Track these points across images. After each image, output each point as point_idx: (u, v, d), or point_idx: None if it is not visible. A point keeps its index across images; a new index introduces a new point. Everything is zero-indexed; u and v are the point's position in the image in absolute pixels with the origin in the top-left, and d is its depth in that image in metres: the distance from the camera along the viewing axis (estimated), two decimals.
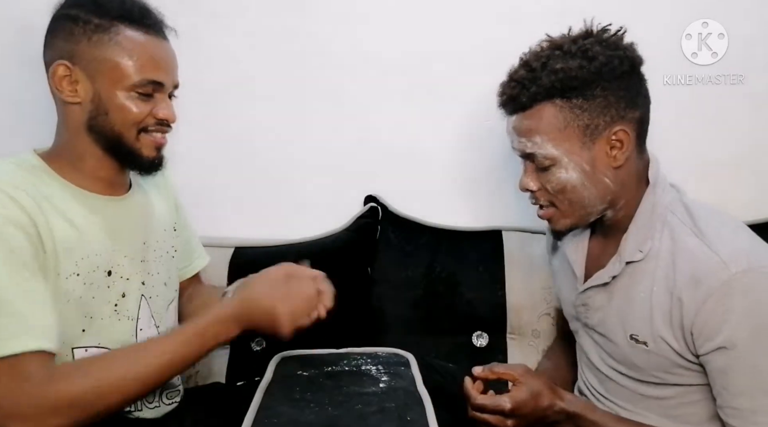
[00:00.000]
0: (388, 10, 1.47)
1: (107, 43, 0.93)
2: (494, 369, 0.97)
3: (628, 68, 0.93)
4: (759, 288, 0.84)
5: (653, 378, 0.96)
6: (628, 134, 0.92)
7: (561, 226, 0.99)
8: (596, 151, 0.93)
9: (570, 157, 0.92)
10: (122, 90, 0.94)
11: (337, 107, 1.50)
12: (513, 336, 1.36)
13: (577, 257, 1.05)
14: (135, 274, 1.03)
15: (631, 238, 0.95)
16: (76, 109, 0.95)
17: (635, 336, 0.95)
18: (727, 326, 0.84)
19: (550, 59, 0.92)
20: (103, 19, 0.93)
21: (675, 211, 0.94)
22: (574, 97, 0.91)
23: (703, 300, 0.85)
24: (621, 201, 0.96)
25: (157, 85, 0.96)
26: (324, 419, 0.86)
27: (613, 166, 0.93)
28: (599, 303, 1.01)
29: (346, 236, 1.39)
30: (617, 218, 0.98)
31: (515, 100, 0.95)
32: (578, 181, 0.93)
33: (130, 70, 0.93)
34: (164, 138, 1.01)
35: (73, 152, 0.97)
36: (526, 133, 0.94)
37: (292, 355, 1.11)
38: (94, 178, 0.99)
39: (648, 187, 0.96)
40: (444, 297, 1.36)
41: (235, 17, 1.45)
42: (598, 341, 1.04)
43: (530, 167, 0.98)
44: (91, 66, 0.93)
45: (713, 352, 0.86)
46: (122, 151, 0.97)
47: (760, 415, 0.85)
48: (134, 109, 0.94)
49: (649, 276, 0.93)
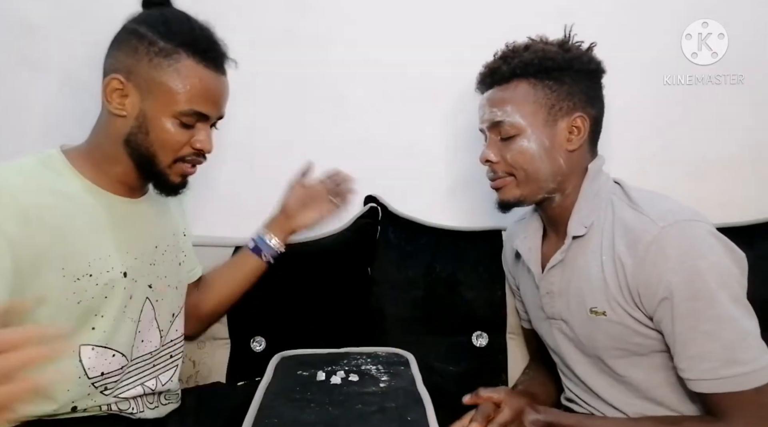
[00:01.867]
0: (389, 10, 1.47)
1: (166, 68, 0.95)
2: (480, 394, 1.04)
3: (594, 69, 1.06)
4: (686, 237, 0.91)
5: (619, 353, 1.00)
6: (585, 122, 1.03)
7: (510, 196, 1.06)
8: (557, 130, 1.03)
9: (533, 130, 1.02)
10: (167, 115, 0.96)
11: (338, 107, 1.50)
12: (513, 336, 1.36)
13: (532, 256, 1.13)
14: (143, 276, 1.04)
15: (575, 216, 1.04)
16: (119, 121, 0.97)
17: (594, 309, 1.00)
18: (664, 277, 0.90)
19: (532, 45, 1.06)
20: (168, 44, 0.95)
21: (616, 193, 1.04)
22: (546, 79, 1.02)
23: (640, 258, 0.92)
24: (568, 187, 1.05)
25: (201, 116, 0.98)
26: (324, 418, 0.86)
27: (568, 149, 1.03)
28: (560, 286, 1.06)
29: (346, 236, 1.39)
30: (565, 204, 1.06)
31: (496, 72, 1.06)
32: (537, 153, 1.03)
33: (179, 98, 0.95)
34: (194, 168, 1.03)
35: (104, 157, 0.99)
36: (499, 103, 1.04)
37: (292, 355, 1.11)
38: (117, 181, 1.01)
39: (587, 174, 1.05)
40: (444, 297, 1.36)
41: (235, 17, 1.45)
42: (565, 331, 1.08)
43: (494, 140, 1.07)
44: (145, 86, 0.95)
45: (659, 307, 0.92)
46: (151, 171, 0.99)
47: (707, 361, 0.88)
48: (174, 136, 0.97)
49: (597, 249, 1.00)
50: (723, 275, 0.89)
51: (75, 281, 0.92)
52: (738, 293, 0.90)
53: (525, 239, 1.15)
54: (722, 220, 1.34)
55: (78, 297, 0.92)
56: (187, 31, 0.97)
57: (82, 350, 0.95)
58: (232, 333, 1.34)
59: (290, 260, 1.36)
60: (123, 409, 1.02)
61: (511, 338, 1.36)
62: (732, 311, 0.88)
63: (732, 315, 0.88)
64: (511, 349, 1.35)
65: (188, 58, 0.95)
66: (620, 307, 0.97)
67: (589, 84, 1.05)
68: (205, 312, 1.27)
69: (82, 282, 0.93)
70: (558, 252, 1.05)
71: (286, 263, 1.35)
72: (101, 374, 0.98)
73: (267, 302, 1.34)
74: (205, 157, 1.03)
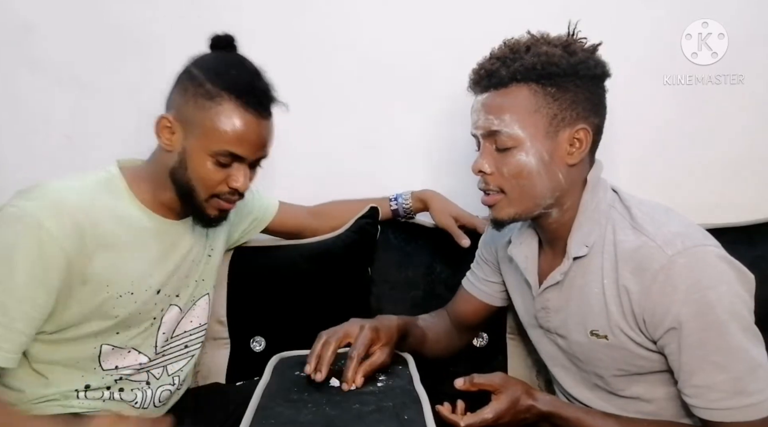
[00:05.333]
0: (389, 10, 1.47)
1: (208, 109, 0.98)
2: (475, 380, 0.97)
3: (600, 73, 0.97)
4: (695, 266, 0.87)
5: (619, 373, 0.98)
6: (588, 135, 0.95)
7: (504, 214, 0.99)
8: (557, 143, 0.94)
9: (532, 142, 0.94)
10: (205, 153, 0.99)
11: (338, 108, 1.50)
12: (513, 336, 1.36)
13: (528, 265, 1.07)
14: (174, 288, 1.09)
15: (575, 235, 0.98)
16: (166, 154, 1.02)
17: (595, 332, 0.97)
18: (673, 307, 0.86)
19: (534, 45, 0.96)
20: (214, 87, 0.98)
21: (615, 206, 0.98)
22: (549, 86, 0.93)
23: (647, 286, 0.88)
24: (567, 201, 0.98)
25: (236, 157, 1.00)
26: (322, 418, 0.86)
27: (569, 163, 0.95)
28: (557, 304, 1.03)
29: (347, 237, 1.39)
30: (563, 220, 0.99)
31: (493, 75, 0.96)
32: (535, 168, 0.94)
33: (216, 138, 0.98)
34: (231, 205, 1.06)
35: (157, 184, 1.04)
36: (496, 111, 0.95)
37: (290, 355, 1.11)
38: (166, 207, 1.06)
39: (586, 186, 0.99)
40: (444, 297, 1.36)
41: (236, 17, 1.45)
42: (561, 345, 1.06)
43: (488, 149, 0.98)
44: (189, 125, 0.99)
45: (665, 335, 0.89)
46: (191, 203, 1.04)
47: (715, 391, 0.86)
48: (210, 173, 1.00)
49: (598, 270, 0.96)
50: (734, 304, 0.86)
51: (117, 298, 1.00)
52: (748, 321, 0.88)
53: (521, 246, 1.09)
54: (722, 220, 1.35)
55: (116, 312, 1.00)
56: (235, 75, 1.00)
57: (103, 349, 1.02)
58: (232, 333, 1.34)
59: (290, 260, 1.36)
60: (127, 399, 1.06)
61: (510, 338, 1.36)
62: (742, 341, 0.86)
63: (742, 346, 0.86)
64: (511, 349, 1.35)
65: (230, 101, 0.98)
66: (623, 333, 0.94)
67: (593, 90, 0.97)
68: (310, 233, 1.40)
69: (123, 299, 1.01)
70: (557, 272, 1.00)
71: (286, 263, 1.35)
72: (115, 368, 1.04)
73: (267, 302, 1.34)
74: (242, 195, 1.05)
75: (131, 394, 1.06)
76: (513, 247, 1.10)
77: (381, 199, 1.43)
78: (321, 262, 1.37)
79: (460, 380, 0.97)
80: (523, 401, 0.96)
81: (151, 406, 1.09)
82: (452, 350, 1.26)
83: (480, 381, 0.97)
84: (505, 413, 0.95)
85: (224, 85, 0.98)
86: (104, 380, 1.03)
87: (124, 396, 1.06)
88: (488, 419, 0.94)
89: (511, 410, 0.95)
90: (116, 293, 0.99)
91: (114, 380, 1.04)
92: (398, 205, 1.42)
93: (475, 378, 0.97)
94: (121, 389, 1.06)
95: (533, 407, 0.96)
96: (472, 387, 0.97)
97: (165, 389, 1.11)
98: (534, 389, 1.00)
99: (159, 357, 1.11)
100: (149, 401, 1.09)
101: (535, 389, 0.99)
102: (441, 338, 1.24)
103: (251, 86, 1.01)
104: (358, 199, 1.43)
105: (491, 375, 0.98)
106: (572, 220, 0.99)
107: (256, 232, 1.36)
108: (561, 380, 1.09)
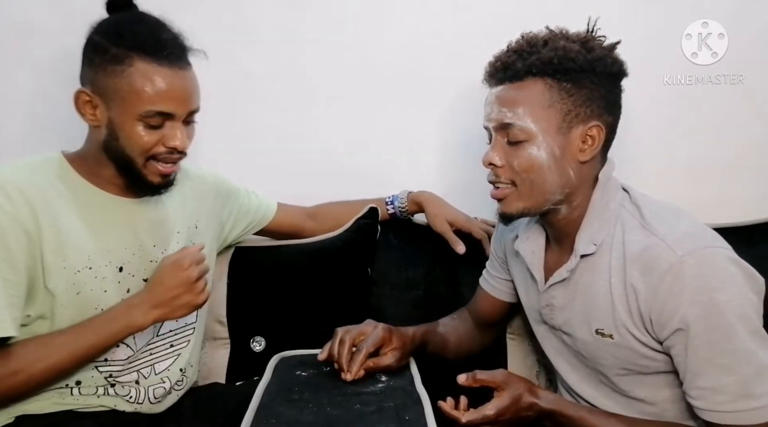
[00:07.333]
0: (389, 10, 1.47)
1: (120, 74, 0.96)
2: (477, 377, 0.97)
3: (616, 72, 0.97)
4: (705, 267, 0.86)
5: (624, 372, 0.98)
6: (601, 133, 0.95)
7: (513, 208, 0.98)
8: (570, 139, 0.94)
9: (544, 137, 0.94)
10: (131, 119, 0.97)
11: (338, 108, 1.50)
12: (513, 336, 1.36)
13: (535, 261, 1.07)
14: (140, 272, 1.07)
15: (584, 232, 0.98)
16: (95, 130, 1.01)
17: (600, 330, 0.97)
18: (681, 308, 0.86)
19: (552, 40, 0.96)
20: (119, 49, 0.96)
21: (626, 205, 0.98)
22: (564, 81, 0.93)
23: (655, 286, 0.88)
24: (577, 198, 0.98)
25: (166, 115, 0.98)
26: (323, 418, 0.86)
27: (580, 160, 0.95)
28: (563, 302, 1.02)
29: (347, 237, 1.39)
30: (572, 217, 0.99)
31: (509, 68, 0.96)
32: (546, 162, 0.94)
33: (138, 101, 0.96)
34: (171, 167, 1.04)
35: (95, 161, 1.03)
36: (510, 103, 0.95)
37: (291, 355, 1.11)
38: (110, 183, 1.04)
39: (597, 184, 0.99)
40: (444, 298, 1.36)
41: (236, 17, 1.45)
42: (566, 341, 1.06)
43: (500, 142, 0.98)
44: (107, 95, 0.97)
45: (672, 335, 0.88)
46: (130, 174, 1.02)
47: (721, 394, 0.86)
48: (143, 139, 0.98)
49: (605, 269, 0.95)
50: (742, 307, 0.86)
51: (75, 273, 0.98)
52: (756, 324, 0.87)
53: (528, 241, 1.09)
54: (722, 220, 1.35)
55: (77, 288, 0.98)
56: (137, 32, 0.97)
57: None
58: (232, 333, 1.34)
59: (290, 260, 1.36)
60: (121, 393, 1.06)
61: (511, 338, 1.36)
62: (749, 344, 0.85)
63: (749, 349, 0.85)
64: (511, 349, 1.35)
65: (140, 60, 0.95)
66: (629, 332, 0.93)
67: (609, 89, 0.96)
68: (307, 234, 1.40)
69: (82, 274, 0.99)
70: (563, 269, 1.00)
71: (287, 263, 1.35)
72: (105, 361, 1.03)
73: (267, 302, 1.34)
74: (183, 153, 1.03)
75: (125, 389, 1.06)
76: (520, 242, 1.10)
77: (378, 199, 1.43)
78: (321, 262, 1.37)
79: (462, 376, 0.96)
80: (526, 399, 0.95)
81: (147, 402, 1.09)
82: (477, 349, 1.26)
83: (482, 377, 0.96)
84: (507, 411, 0.94)
85: (129, 45, 0.95)
86: (95, 379, 1.03)
87: (118, 391, 1.05)
88: (489, 415, 0.93)
89: (513, 407, 0.94)
90: (74, 268, 0.97)
91: (104, 378, 1.04)
92: (395, 209, 1.42)
93: (477, 374, 0.96)
94: (112, 385, 1.05)
95: (536, 404, 0.95)
96: (474, 383, 0.96)
97: (157, 387, 1.10)
98: (537, 386, 0.99)
99: (146, 354, 1.09)
100: (143, 397, 1.08)
101: (537, 387, 0.99)
102: (463, 340, 1.24)
103: (157, 39, 0.98)
104: (356, 201, 1.43)
105: (494, 372, 0.97)
106: (581, 217, 0.99)
107: (253, 232, 1.36)
108: (566, 376, 1.08)
